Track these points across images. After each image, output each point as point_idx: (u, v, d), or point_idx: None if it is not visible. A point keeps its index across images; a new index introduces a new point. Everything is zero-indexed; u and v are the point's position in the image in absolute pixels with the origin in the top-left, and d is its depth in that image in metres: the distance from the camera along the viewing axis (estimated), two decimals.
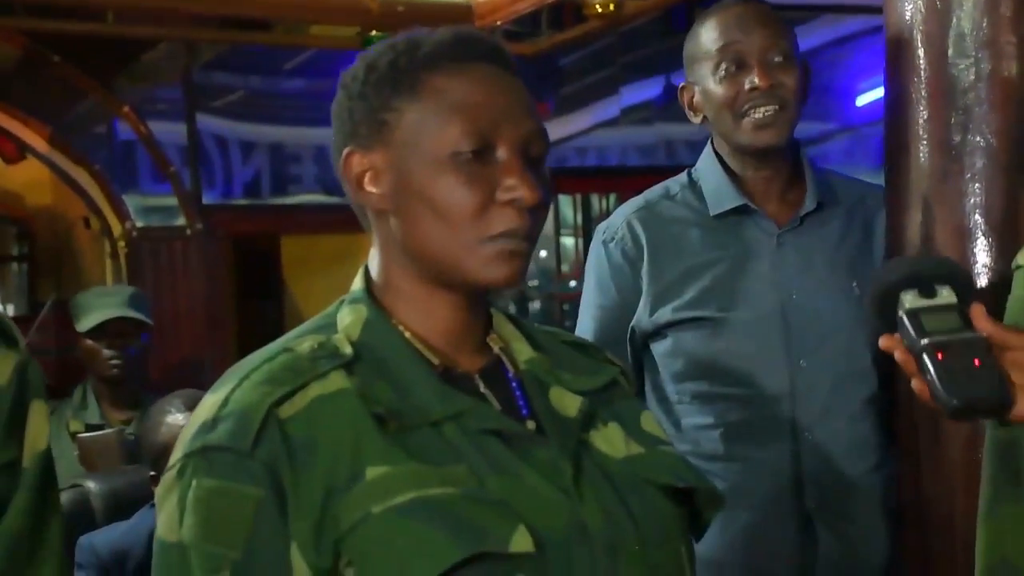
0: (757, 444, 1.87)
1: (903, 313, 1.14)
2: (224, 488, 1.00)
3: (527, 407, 1.12)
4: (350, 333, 1.09)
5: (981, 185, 1.65)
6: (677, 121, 5.93)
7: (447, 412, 1.06)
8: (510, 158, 1.08)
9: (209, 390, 1.07)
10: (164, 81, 4.91)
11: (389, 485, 1.00)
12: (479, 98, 1.08)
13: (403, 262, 1.12)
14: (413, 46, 1.11)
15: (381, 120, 1.10)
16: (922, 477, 1.73)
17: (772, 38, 1.85)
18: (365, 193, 1.11)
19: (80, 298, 3.31)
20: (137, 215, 4.65)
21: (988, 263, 1.65)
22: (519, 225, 1.07)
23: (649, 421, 1.20)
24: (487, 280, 1.09)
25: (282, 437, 1.00)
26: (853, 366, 1.88)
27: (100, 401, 3.28)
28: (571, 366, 1.18)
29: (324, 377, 1.04)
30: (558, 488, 1.06)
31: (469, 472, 1.03)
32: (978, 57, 1.65)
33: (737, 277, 1.89)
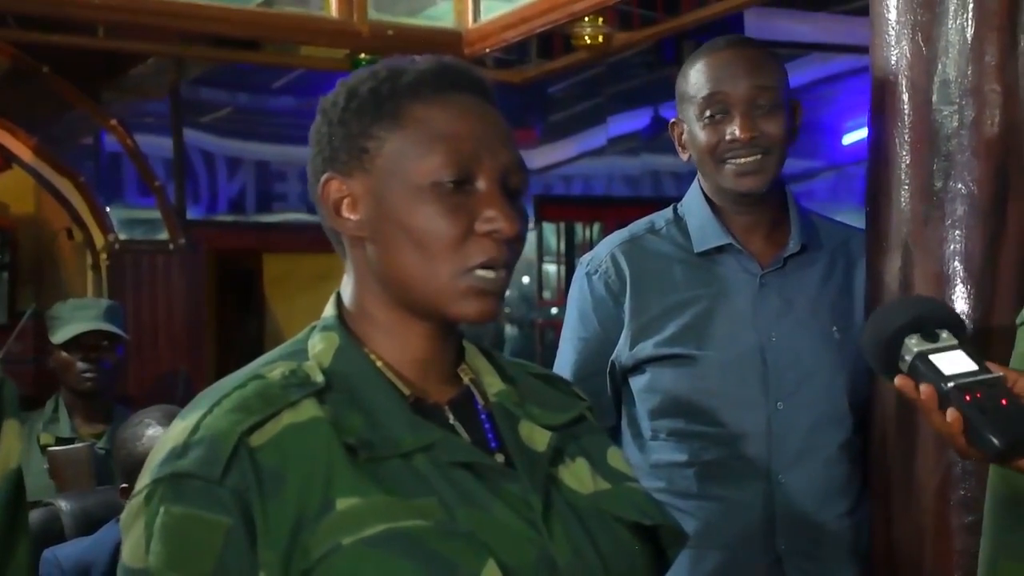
0: (731, 484, 1.87)
1: (915, 359, 1.15)
2: (193, 516, 0.98)
3: (496, 440, 1.12)
4: (321, 360, 1.09)
5: (961, 232, 1.66)
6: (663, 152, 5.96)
7: (418, 444, 1.05)
8: (490, 189, 1.08)
9: (178, 415, 1.06)
10: (152, 95, 4.91)
11: (360, 517, 0.99)
12: (460, 129, 1.08)
13: (377, 290, 1.11)
14: (395, 74, 1.11)
15: (361, 147, 1.09)
16: (893, 522, 1.73)
17: (757, 87, 1.85)
18: (342, 220, 1.11)
19: (56, 310, 3.29)
20: (120, 228, 4.63)
21: (967, 311, 1.65)
22: (497, 256, 1.07)
23: (616, 457, 1.20)
24: (462, 314, 1.08)
25: (252, 466, 1.00)
26: (830, 410, 1.88)
27: (72, 414, 3.25)
28: (540, 400, 1.18)
29: (296, 405, 1.04)
30: (527, 522, 1.06)
31: (439, 504, 1.02)
32: (962, 104, 1.66)
33: (718, 316, 1.89)
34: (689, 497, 1.88)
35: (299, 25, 3.16)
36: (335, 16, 3.06)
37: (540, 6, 3.01)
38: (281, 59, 4.27)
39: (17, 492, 1.24)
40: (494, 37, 3.14)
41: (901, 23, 1.70)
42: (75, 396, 3.25)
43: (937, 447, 1.68)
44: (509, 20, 3.10)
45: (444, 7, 3.28)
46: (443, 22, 3.25)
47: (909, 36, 1.69)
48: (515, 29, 3.09)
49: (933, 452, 1.68)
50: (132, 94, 4.82)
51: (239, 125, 5.29)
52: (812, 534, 1.87)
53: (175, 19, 3.07)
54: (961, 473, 1.65)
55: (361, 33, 3.07)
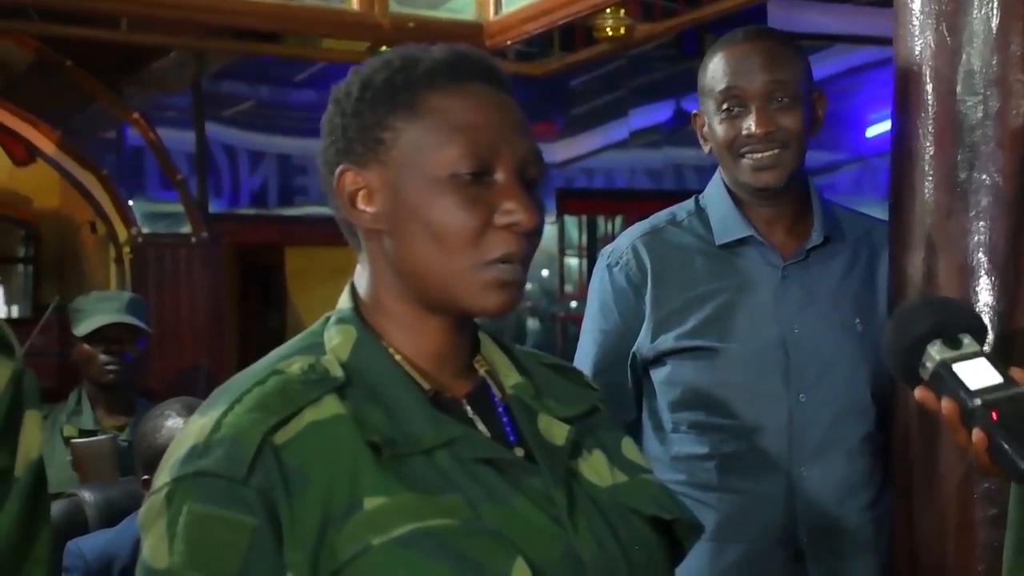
0: (752, 477, 1.86)
1: (937, 367, 1.11)
2: (217, 516, 0.97)
3: (515, 433, 1.11)
4: (339, 354, 1.07)
5: (986, 223, 1.64)
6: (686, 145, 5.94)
7: (439, 439, 1.04)
8: (508, 181, 1.06)
9: (197, 411, 1.05)
10: (174, 89, 4.93)
11: (388, 516, 0.98)
12: (478, 119, 1.07)
13: (394, 282, 1.10)
14: (410, 63, 1.09)
15: (377, 138, 1.08)
16: (915, 516, 1.72)
17: (774, 81, 1.83)
18: (357, 212, 1.09)
19: (78, 303, 3.31)
20: (143, 221, 4.66)
21: (991, 302, 1.63)
22: (516, 249, 1.06)
23: (630, 448, 1.19)
24: (481, 308, 1.07)
25: (277, 465, 0.98)
26: (852, 402, 1.87)
27: (94, 406, 3.27)
28: (555, 392, 1.17)
29: (318, 402, 1.02)
30: (551, 518, 1.05)
31: (464, 502, 1.01)
32: (987, 95, 1.64)
33: (739, 308, 1.89)
34: (710, 490, 1.88)
35: (320, 18, 3.16)
36: (356, 8, 3.06)
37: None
38: (302, 52, 4.27)
39: (38, 482, 1.24)
40: (515, 29, 3.13)
41: (925, 13, 1.69)
42: (97, 388, 3.27)
43: None
44: (530, 12, 3.09)
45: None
46: (464, 14, 3.24)
47: (933, 26, 1.68)
48: (536, 21, 3.08)
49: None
50: (154, 87, 4.84)
51: (261, 119, 5.31)
52: (833, 527, 1.86)
53: (197, 12, 3.08)
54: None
55: (382, 26, 3.07)
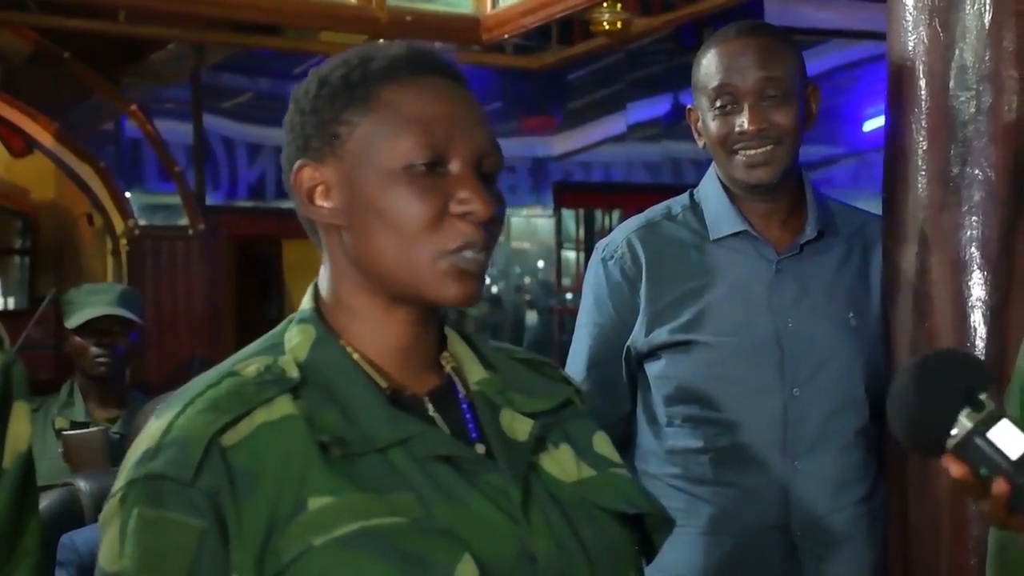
0: (746, 471, 1.87)
1: (973, 436, 1.09)
2: (165, 518, 0.97)
3: (477, 430, 1.10)
4: (297, 354, 1.07)
5: (978, 218, 1.65)
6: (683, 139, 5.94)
7: (394, 438, 1.03)
8: (463, 171, 1.06)
9: (154, 414, 1.05)
10: (172, 81, 4.93)
11: (332, 516, 0.98)
12: (433, 110, 1.07)
13: (354, 278, 1.09)
14: (366, 60, 1.09)
15: (333, 133, 1.08)
16: (909, 509, 1.73)
17: (766, 77, 1.83)
18: (316, 207, 1.09)
19: (71, 295, 3.31)
20: (140, 213, 4.66)
21: (983, 297, 1.65)
22: (474, 238, 1.05)
23: (602, 442, 1.18)
24: (442, 297, 1.07)
25: (224, 466, 0.98)
26: (846, 396, 1.88)
27: (86, 399, 3.26)
28: (523, 386, 1.16)
29: (270, 403, 1.02)
30: (506, 515, 1.04)
31: (416, 500, 1.01)
32: (979, 90, 1.65)
33: (734, 302, 1.89)
34: (705, 483, 1.88)
35: (318, 11, 3.16)
36: (354, 2, 3.06)
37: None
38: (301, 45, 4.28)
39: (27, 475, 1.25)
40: (512, 23, 3.13)
41: (918, 8, 1.70)
42: (89, 381, 3.26)
43: None
44: (527, 6, 3.10)
45: None
46: (461, 8, 3.25)
47: (926, 22, 1.68)
48: (533, 15, 3.08)
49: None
50: (152, 80, 4.84)
51: (259, 111, 5.31)
52: (828, 521, 1.86)
53: (195, 4, 3.09)
54: None
55: (380, 19, 3.08)
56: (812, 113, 1.91)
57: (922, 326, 1.70)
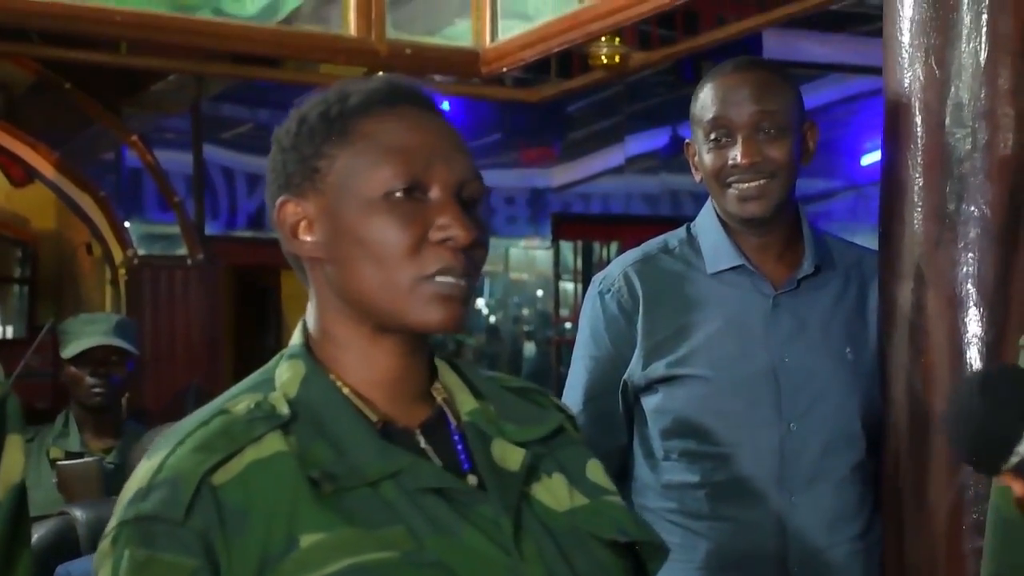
0: (743, 505, 1.86)
1: None
2: (157, 559, 0.97)
3: (469, 461, 1.10)
4: (287, 391, 1.07)
5: (974, 255, 1.66)
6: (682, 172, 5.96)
7: (385, 471, 1.03)
8: (443, 198, 1.07)
9: (145, 455, 1.05)
10: (173, 111, 4.95)
11: (324, 553, 0.98)
12: (410, 139, 1.08)
13: (340, 309, 1.10)
14: (343, 96, 1.11)
15: (313, 167, 1.09)
16: (905, 545, 1.73)
17: (762, 110, 1.84)
18: (299, 242, 1.10)
19: (67, 324, 3.31)
20: (139, 243, 4.67)
21: (979, 333, 1.65)
22: (454, 264, 1.06)
23: (595, 470, 1.18)
24: (425, 323, 1.07)
25: (216, 505, 0.99)
26: (843, 431, 1.87)
27: (81, 429, 3.25)
28: (514, 415, 1.16)
29: (259, 440, 1.02)
30: (498, 547, 1.04)
31: (407, 533, 1.01)
32: (975, 127, 1.66)
33: (731, 337, 1.89)
34: (701, 518, 1.88)
35: (318, 44, 3.18)
36: (354, 35, 3.07)
37: (557, 26, 3.02)
38: (300, 77, 4.29)
39: (20, 506, 1.25)
40: (511, 56, 3.15)
41: (914, 46, 1.71)
42: (84, 411, 3.25)
43: (949, 470, 1.67)
44: (527, 40, 3.11)
45: (462, 26, 3.29)
46: (461, 41, 3.26)
47: (922, 59, 1.70)
48: (532, 48, 3.10)
49: (945, 475, 1.67)
50: (153, 110, 4.86)
51: (259, 141, 5.32)
52: (824, 556, 1.86)
53: (196, 37, 3.10)
54: (973, 496, 1.64)
55: (379, 52, 3.09)
56: (809, 150, 1.91)
57: (918, 362, 1.71)
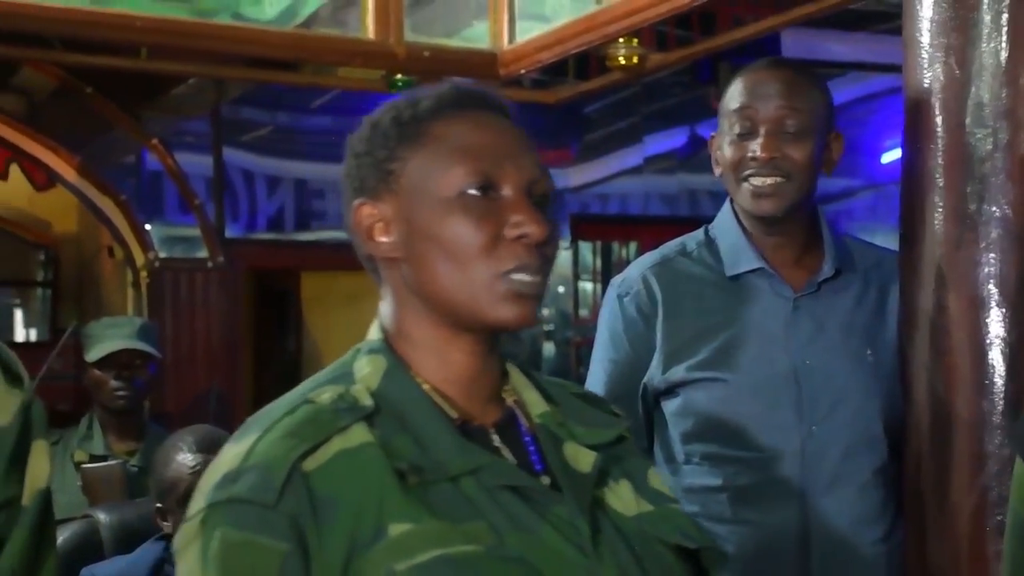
0: (765, 509, 1.86)
1: None
2: (248, 541, 1.00)
3: (541, 462, 1.13)
4: (369, 384, 1.10)
5: (996, 255, 1.65)
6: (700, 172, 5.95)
7: (466, 467, 1.06)
8: (515, 196, 1.10)
9: (230, 440, 1.08)
10: (193, 115, 4.97)
11: (412, 543, 1.00)
12: (481, 140, 1.11)
13: (417, 308, 1.13)
14: (415, 101, 1.15)
15: (388, 170, 1.12)
16: (927, 548, 1.72)
17: (787, 107, 1.84)
18: (375, 243, 1.13)
19: (90, 328, 3.33)
20: (160, 246, 4.69)
21: (1001, 334, 1.64)
22: (529, 260, 1.09)
23: (656, 478, 1.21)
24: (501, 319, 1.09)
25: (307, 492, 1.01)
26: (864, 434, 1.87)
27: (105, 432, 3.28)
28: (582, 419, 1.19)
29: (346, 431, 1.05)
30: (575, 546, 1.07)
31: (488, 528, 1.04)
32: (996, 127, 1.64)
33: (751, 340, 1.89)
34: (723, 522, 1.87)
35: (336, 47, 3.19)
36: (372, 38, 3.08)
37: (575, 28, 3.02)
38: (319, 80, 4.31)
39: (45, 511, 1.26)
40: (529, 58, 3.15)
41: (934, 46, 1.70)
42: (108, 414, 3.28)
43: (972, 472, 1.66)
44: (544, 41, 3.12)
45: (480, 28, 3.30)
46: (478, 43, 3.27)
47: (942, 59, 1.69)
48: (550, 50, 3.10)
49: (968, 477, 1.66)
50: (173, 113, 4.88)
51: (278, 144, 5.34)
52: (846, 560, 1.85)
53: (216, 41, 3.11)
54: (997, 499, 1.63)
55: (397, 55, 3.10)
56: (832, 159, 1.90)
57: (939, 363, 1.70)
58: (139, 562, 2.23)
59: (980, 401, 1.64)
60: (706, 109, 5.27)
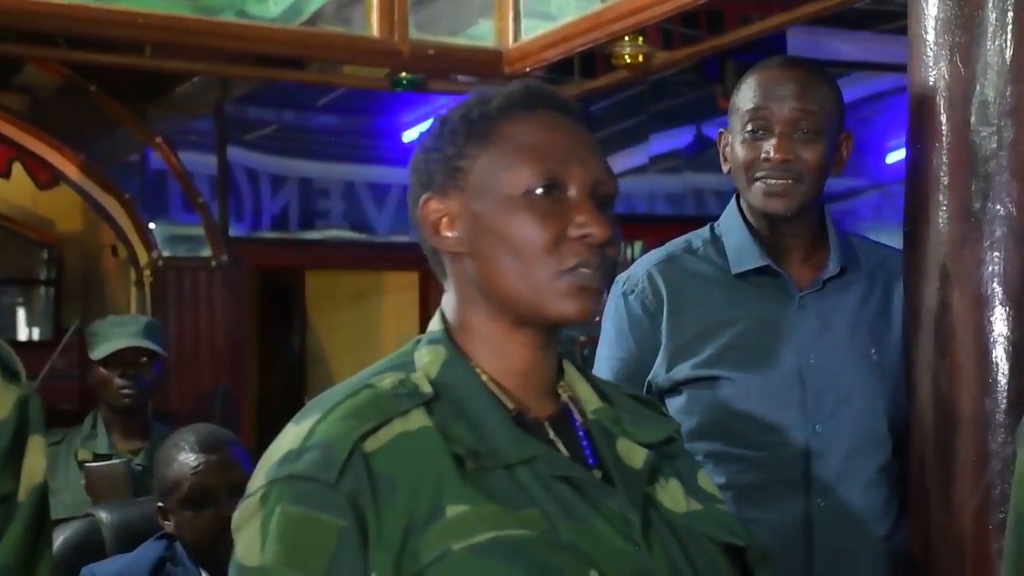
0: (769, 507, 1.85)
1: None
2: (309, 516, 1.03)
3: (594, 457, 1.16)
4: (429, 372, 1.13)
5: (1000, 254, 1.64)
6: (706, 171, 5.94)
7: (521, 456, 1.09)
8: (580, 197, 1.13)
9: (292, 421, 1.10)
10: (197, 113, 4.97)
11: (469, 524, 1.03)
12: (548, 140, 1.14)
13: (478, 302, 1.16)
14: (484, 100, 1.18)
15: (456, 167, 1.16)
16: (932, 546, 1.71)
17: (802, 110, 1.83)
18: (441, 237, 1.17)
19: (95, 326, 3.33)
20: (164, 244, 4.69)
21: (1005, 332, 1.63)
22: (590, 259, 1.12)
23: (705, 480, 1.24)
24: (562, 314, 1.13)
25: (367, 471, 1.04)
26: (869, 433, 1.86)
27: (109, 430, 3.27)
28: (635, 419, 1.21)
29: (406, 415, 1.08)
30: (627, 538, 1.09)
31: (542, 516, 1.06)
32: (1001, 125, 1.64)
33: (756, 338, 1.88)
34: None
35: (341, 44, 3.18)
36: (376, 36, 3.08)
37: (580, 26, 3.01)
38: (324, 77, 4.31)
39: (41, 507, 1.26)
40: (534, 56, 3.14)
41: (939, 44, 1.69)
42: (113, 412, 3.27)
43: (976, 470, 1.66)
44: (550, 39, 3.11)
45: (485, 26, 3.29)
46: (484, 41, 3.26)
47: (947, 57, 1.68)
48: (555, 48, 3.09)
49: (972, 476, 1.66)
50: (177, 112, 4.88)
51: (283, 143, 5.34)
52: (851, 558, 1.85)
53: (220, 39, 3.11)
54: (1000, 497, 1.62)
55: (402, 52, 3.09)
56: (842, 160, 1.90)
57: (943, 361, 1.69)
58: (140, 561, 2.23)
59: (984, 399, 1.64)
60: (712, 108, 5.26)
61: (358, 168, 5.40)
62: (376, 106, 5.10)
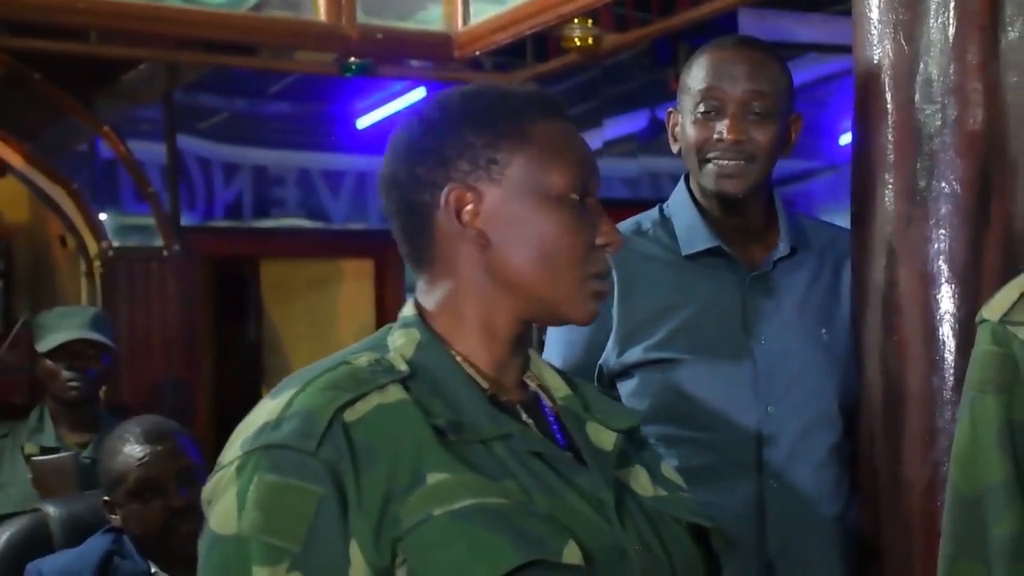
0: (721, 489, 1.84)
1: None
2: (287, 485, 1.04)
3: (564, 440, 1.19)
4: (403, 353, 1.15)
5: (945, 232, 1.65)
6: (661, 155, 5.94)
7: (497, 432, 1.12)
8: (597, 206, 1.20)
9: (267, 395, 1.12)
10: (145, 101, 4.90)
11: (449, 491, 1.05)
12: (578, 149, 1.20)
13: (487, 293, 1.18)
14: (504, 94, 1.20)
15: (489, 158, 1.17)
16: (881, 524, 1.72)
17: (754, 91, 1.82)
18: (464, 226, 1.17)
19: (42, 318, 3.28)
20: (114, 235, 4.63)
21: (951, 310, 1.64)
22: (607, 267, 1.19)
23: (668, 469, 1.27)
24: (579, 316, 1.19)
25: (346, 441, 1.05)
26: (820, 413, 1.86)
27: (57, 423, 3.22)
28: (601, 407, 1.25)
29: (383, 389, 1.10)
30: (600, 514, 1.12)
31: (519, 488, 1.09)
32: (945, 103, 1.65)
33: (706, 320, 1.88)
34: None
35: (288, 29, 3.15)
36: (324, 20, 3.05)
37: (529, 8, 3.00)
38: (274, 63, 4.27)
39: None
40: (484, 40, 3.13)
41: (883, 22, 1.70)
42: (60, 405, 3.22)
43: (924, 447, 1.67)
44: (499, 23, 3.10)
45: (434, 11, 3.27)
46: (433, 25, 3.24)
47: (891, 35, 1.68)
48: (505, 32, 3.08)
49: (920, 453, 1.67)
50: (125, 100, 4.81)
51: (236, 130, 5.29)
52: (803, 538, 1.85)
53: (165, 24, 3.07)
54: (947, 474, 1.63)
55: (350, 37, 3.07)
56: (791, 141, 1.90)
57: (891, 339, 1.70)
58: (87, 555, 2.20)
59: (931, 377, 1.65)
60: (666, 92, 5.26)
61: (312, 156, 5.36)
62: (330, 93, 5.05)
